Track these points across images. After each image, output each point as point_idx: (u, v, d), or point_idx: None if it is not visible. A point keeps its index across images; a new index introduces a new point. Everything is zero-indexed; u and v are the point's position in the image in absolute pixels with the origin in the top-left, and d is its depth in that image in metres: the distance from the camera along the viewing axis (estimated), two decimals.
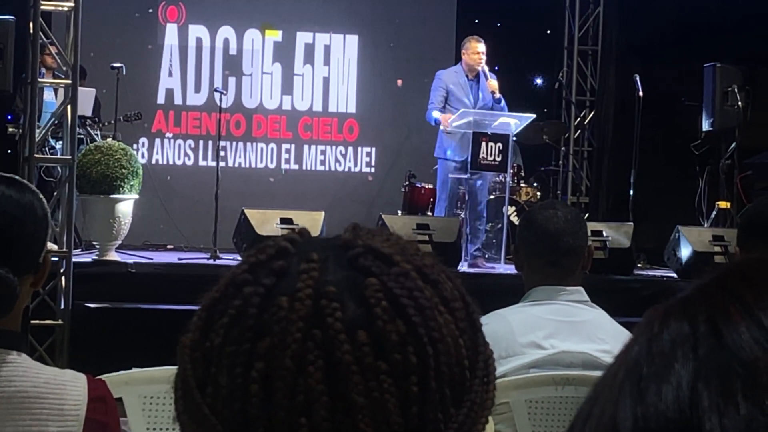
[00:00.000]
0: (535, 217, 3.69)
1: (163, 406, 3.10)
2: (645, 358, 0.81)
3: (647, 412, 0.78)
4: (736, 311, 0.80)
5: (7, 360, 2.39)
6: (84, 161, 9.23)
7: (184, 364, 1.12)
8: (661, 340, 0.81)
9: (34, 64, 8.30)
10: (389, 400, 1.05)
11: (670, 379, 0.78)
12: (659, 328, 0.82)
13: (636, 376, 0.80)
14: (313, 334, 1.06)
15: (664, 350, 0.80)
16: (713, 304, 0.81)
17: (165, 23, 13.01)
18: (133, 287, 8.89)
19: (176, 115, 13.05)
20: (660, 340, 0.81)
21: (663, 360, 0.80)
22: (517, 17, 13.94)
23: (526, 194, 11.79)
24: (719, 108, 11.39)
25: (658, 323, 0.82)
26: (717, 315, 0.80)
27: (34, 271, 2.46)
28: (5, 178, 2.51)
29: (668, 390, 0.78)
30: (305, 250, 1.13)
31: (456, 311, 1.13)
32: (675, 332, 0.81)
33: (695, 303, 0.82)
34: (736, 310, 0.80)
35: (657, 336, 0.82)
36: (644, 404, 0.78)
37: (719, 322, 0.79)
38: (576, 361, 3.52)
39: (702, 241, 10.09)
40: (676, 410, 0.77)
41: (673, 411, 0.77)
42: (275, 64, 13.35)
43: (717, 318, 0.80)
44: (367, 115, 13.62)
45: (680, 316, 0.82)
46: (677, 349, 0.79)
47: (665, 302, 0.85)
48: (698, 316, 0.81)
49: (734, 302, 0.81)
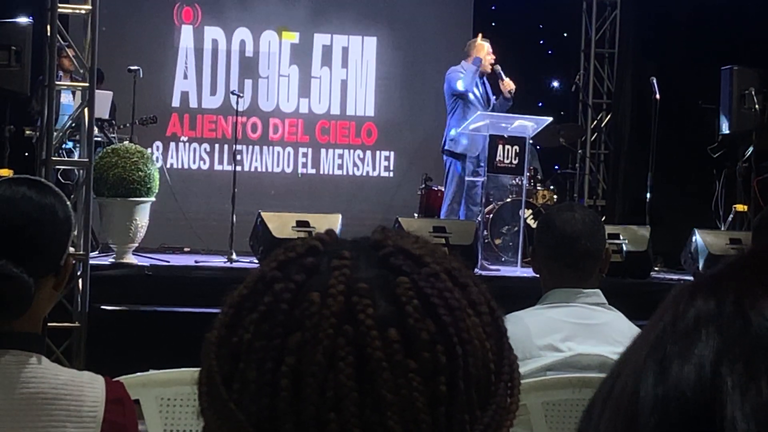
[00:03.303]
0: (552, 219, 3.68)
1: (181, 408, 3.10)
2: (669, 335, 0.79)
3: (668, 392, 0.76)
4: (764, 293, 0.78)
5: (26, 362, 2.40)
6: (101, 164, 9.25)
7: (210, 360, 1.12)
8: (687, 317, 0.79)
9: (51, 66, 8.31)
10: (418, 398, 1.05)
11: (692, 359, 0.76)
12: (685, 306, 0.80)
13: (659, 353, 0.79)
14: (345, 330, 1.06)
15: (689, 329, 0.78)
16: (741, 284, 0.79)
17: (180, 25, 12.98)
18: (149, 290, 8.91)
19: (191, 119, 13.04)
20: (685, 317, 0.79)
21: (687, 339, 0.78)
22: (534, 20, 13.94)
23: (543, 197, 11.77)
24: (736, 111, 11.36)
25: (685, 300, 0.81)
26: (745, 295, 0.78)
27: (55, 274, 2.47)
28: (27, 180, 2.52)
29: (690, 370, 0.76)
30: (336, 249, 1.13)
31: (483, 315, 1.13)
32: (700, 310, 0.79)
33: (723, 282, 0.80)
34: (765, 291, 0.78)
35: (682, 313, 0.80)
36: (665, 383, 0.77)
37: (746, 303, 0.78)
38: (593, 363, 3.51)
39: (719, 244, 10.06)
40: (697, 391, 0.75)
41: (694, 391, 0.75)
42: (292, 66, 13.31)
43: (744, 298, 0.78)
44: (386, 118, 13.57)
45: (707, 294, 0.80)
46: (702, 329, 0.78)
47: (693, 280, 0.83)
48: (725, 296, 0.79)
49: (763, 283, 0.79)
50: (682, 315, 0.80)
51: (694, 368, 0.76)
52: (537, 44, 14.18)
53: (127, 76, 11.17)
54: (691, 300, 0.80)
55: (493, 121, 10.54)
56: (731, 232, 10.67)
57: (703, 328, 0.78)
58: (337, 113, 13.47)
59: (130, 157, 9.37)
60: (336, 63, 13.47)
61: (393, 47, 13.57)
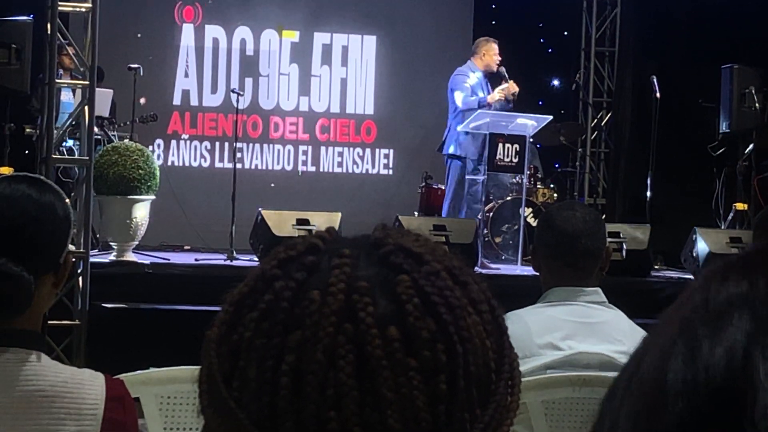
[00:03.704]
0: (553, 218, 3.68)
1: (180, 405, 3.10)
2: (700, 316, 0.77)
3: (697, 376, 0.74)
4: None
5: (26, 360, 2.40)
6: (101, 162, 9.25)
7: (210, 358, 1.12)
8: (719, 298, 0.77)
9: (51, 64, 8.31)
10: (418, 396, 1.05)
11: (723, 343, 0.74)
12: (718, 286, 0.78)
13: (689, 335, 0.76)
14: (345, 328, 1.06)
15: (721, 310, 0.76)
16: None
17: (181, 23, 13.00)
18: (150, 288, 8.91)
19: (192, 117, 13.06)
20: (717, 298, 0.77)
21: (718, 321, 0.76)
22: (534, 18, 13.95)
23: (543, 196, 11.78)
24: (736, 109, 11.35)
25: (717, 281, 0.79)
26: None
27: (54, 271, 2.47)
28: (27, 178, 2.52)
29: (720, 353, 0.74)
30: (336, 247, 1.13)
31: (483, 313, 1.13)
32: (733, 292, 0.77)
33: (757, 264, 0.79)
34: None
35: (715, 294, 0.78)
36: (694, 366, 0.75)
37: None
38: (593, 362, 3.52)
39: (719, 242, 10.06)
40: (727, 377, 0.73)
41: (724, 377, 0.73)
42: (292, 65, 13.33)
43: None
44: (385, 116, 13.59)
45: (740, 275, 0.78)
46: (735, 311, 0.76)
47: (726, 261, 0.81)
48: (759, 278, 0.77)
49: None
50: (714, 296, 0.78)
51: (725, 352, 0.74)
52: (537, 43, 14.18)
53: (128, 74, 11.17)
54: (723, 281, 0.78)
55: (494, 119, 10.54)
56: (731, 231, 10.67)
57: (736, 311, 0.76)
58: (337, 111, 13.49)
59: (131, 155, 9.37)
60: (336, 61, 13.49)
61: (392, 46, 13.57)
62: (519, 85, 10.92)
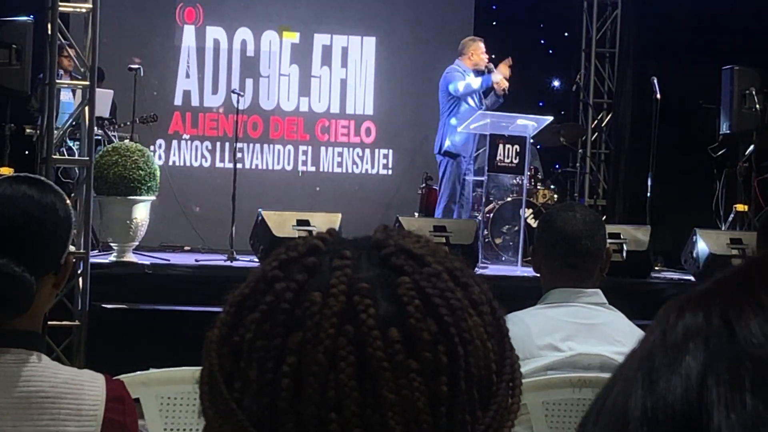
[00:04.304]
0: (553, 218, 3.68)
1: (181, 406, 3.10)
2: (659, 348, 0.81)
3: (656, 404, 0.78)
4: (749, 306, 0.79)
5: (27, 360, 2.40)
6: (101, 162, 9.25)
7: (211, 359, 1.12)
8: (675, 331, 0.81)
9: (52, 65, 8.31)
10: (419, 398, 1.05)
11: (680, 371, 0.78)
12: (675, 319, 0.82)
13: (648, 366, 0.80)
14: (346, 329, 1.06)
15: (677, 341, 0.80)
16: (728, 298, 0.81)
17: (182, 24, 13.03)
18: (150, 289, 8.91)
19: (193, 117, 13.07)
20: (674, 331, 0.81)
21: (675, 351, 0.79)
22: (535, 19, 13.95)
23: (543, 197, 11.78)
24: (737, 110, 11.35)
25: (674, 314, 0.82)
26: (731, 309, 0.80)
27: (55, 272, 2.47)
28: (28, 178, 2.51)
29: (677, 382, 0.78)
30: (337, 248, 1.13)
31: (484, 315, 1.13)
32: (689, 324, 0.81)
33: (711, 296, 0.82)
34: (750, 305, 0.79)
35: (672, 327, 0.81)
36: (654, 395, 0.78)
37: (732, 317, 0.79)
38: (593, 363, 3.51)
39: (719, 244, 10.06)
40: (684, 402, 0.77)
41: (681, 403, 0.77)
42: (292, 65, 13.37)
43: (731, 312, 0.79)
44: (385, 117, 13.62)
45: (696, 308, 0.81)
46: (690, 341, 0.79)
47: (684, 294, 0.85)
48: (713, 309, 0.81)
49: (749, 298, 0.80)
50: (671, 328, 0.81)
51: (682, 380, 0.78)
52: (538, 43, 14.19)
53: (129, 75, 11.18)
54: (680, 314, 0.82)
55: (494, 120, 10.55)
56: (732, 232, 10.67)
57: (691, 341, 0.79)
58: (337, 112, 13.53)
59: (131, 156, 9.37)
60: (336, 62, 13.52)
61: (392, 47, 13.59)
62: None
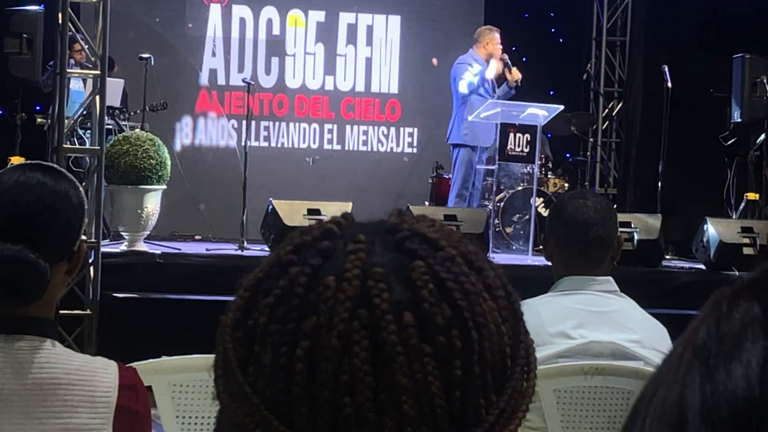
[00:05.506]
0: (564, 206, 3.68)
1: (193, 394, 3.10)
2: (714, 338, 0.81)
3: (716, 391, 0.78)
4: None
5: (40, 347, 2.41)
6: (112, 152, 9.25)
7: (225, 343, 1.11)
8: (731, 320, 0.81)
9: (63, 54, 8.32)
10: (433, 382, 1.05)
11: (740, 358, 0.78)
12: (728, 309, 0.82)
13: (704, 355, 0.80)
14: (360, 314, 1.05)
15: (734, 330, 0.80)
16: None
17: (209, 3, 13.17)
18: (161, 278, 8.91)
19: (220, 96, 13.20)
20: (729, 320, 0.81)
21: (732, 339, 0.80)
22: (546, 8, 13.93)
23: (554, 185, 11.76)
24: (748, 99, 11.32)
25: (727, 304, 0.83)
26: None
27: (68, 259, 2.48)
28: (41, 166, 2.52)
29: (738, 369, 0.78)
30: (351, 233, 1.13)
31: (499, 299, 1.13)
32: (745, 312, 0.81)
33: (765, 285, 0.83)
34: None
35: (726, 316, 0.82)
36: (713, 383, 0.79)
37: None
38: (605, 351, 3.52)
39: (730, 232, 10.04)
40: (745, 389, 0.77)
41: (743, 390, 0.77)
42: (318, 44, 13.47)
43: None
44: (410, 95, 13.73)
45: (750, 297, 0.82)
46: (747, 329, 0.80)
47: (732, 284, 0.85)
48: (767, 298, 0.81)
49: None
50: (725, 317, 0.82)
51: (742, 368, 0.78)
52: (549, 32, 14.15)
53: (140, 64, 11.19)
54: (735, 303, 0.82)
55: (505, 109, 10.54)
56: (743, 221, 10.63)
57: (749, 329, 0.80)
58: (362, 90, 13.64)
59: (142, 145, 9.38)
60: (361, 41, 13.63)
61: (417, 25, 13.68)
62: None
